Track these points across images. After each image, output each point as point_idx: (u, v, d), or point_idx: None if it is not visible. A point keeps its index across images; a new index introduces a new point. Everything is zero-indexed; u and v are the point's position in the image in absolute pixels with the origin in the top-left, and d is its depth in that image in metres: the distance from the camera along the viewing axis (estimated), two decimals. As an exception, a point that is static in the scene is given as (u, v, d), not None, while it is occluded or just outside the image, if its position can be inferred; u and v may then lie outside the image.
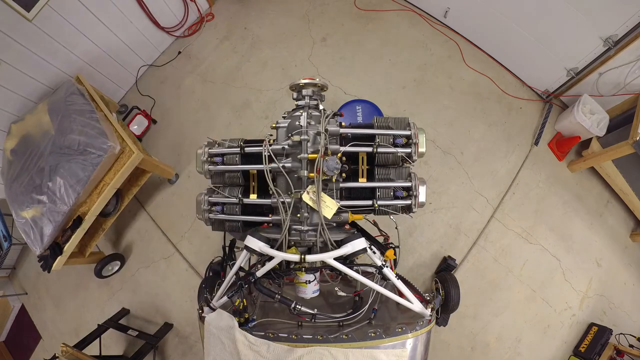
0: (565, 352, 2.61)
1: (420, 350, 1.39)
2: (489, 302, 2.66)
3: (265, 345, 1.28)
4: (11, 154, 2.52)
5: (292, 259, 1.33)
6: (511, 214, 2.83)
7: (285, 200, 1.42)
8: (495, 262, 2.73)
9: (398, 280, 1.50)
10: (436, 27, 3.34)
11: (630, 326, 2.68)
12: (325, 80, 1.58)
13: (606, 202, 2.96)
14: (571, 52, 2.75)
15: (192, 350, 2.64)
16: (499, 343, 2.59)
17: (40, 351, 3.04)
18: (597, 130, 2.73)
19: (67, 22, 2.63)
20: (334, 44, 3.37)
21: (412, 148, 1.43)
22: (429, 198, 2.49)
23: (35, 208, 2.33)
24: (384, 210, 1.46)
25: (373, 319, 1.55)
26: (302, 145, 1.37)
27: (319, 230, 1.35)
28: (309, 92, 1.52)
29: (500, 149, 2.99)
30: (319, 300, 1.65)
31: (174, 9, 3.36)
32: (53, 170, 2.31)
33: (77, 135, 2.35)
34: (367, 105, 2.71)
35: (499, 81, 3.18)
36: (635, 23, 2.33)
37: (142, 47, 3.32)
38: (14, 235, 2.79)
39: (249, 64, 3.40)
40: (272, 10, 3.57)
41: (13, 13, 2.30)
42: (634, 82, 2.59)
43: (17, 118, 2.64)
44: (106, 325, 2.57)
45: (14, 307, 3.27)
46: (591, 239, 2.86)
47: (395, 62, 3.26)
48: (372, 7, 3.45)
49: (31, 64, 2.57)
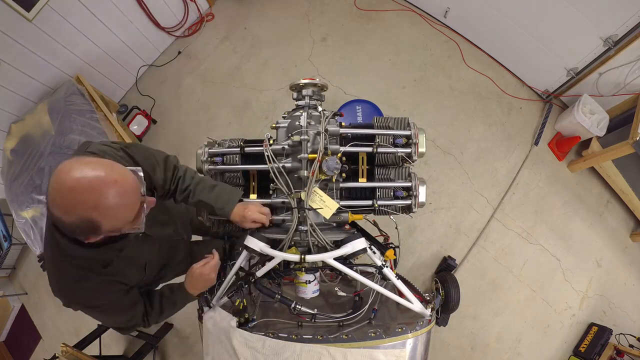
0: (565, 352, 2.61)
1: (420, 350, 1.39)
2: (489, 302, 2.66)
3: (261, 341, 1.28)
4: (11, 154, 2.52)
5: (292, 259, 1.33)
6: (511, 214, 2.83)
7: (284, 200, 1.42)
8: (495, 262, 2.73)
9: (398, 280, 1.49)
10: (436, 27, 3.34)
11: (630, 326, 2.68)
12: (325, 80, 1.58)
13: (606, 202, 2.96)
14: (571, 52, 2.75)
15: (192, 350, 2.64)
16: (499, 343, 2.59)
17: (40, 351, 3.04)
18: (597, 130, 2.73)
19: (67, 22, 2.63)
20: (334, 44, 3.37)
21: (412, 148, 1.43)
22: (429, 198, 2.49)
23: (35, 208, 2.33)
24: (384, 210, 1.46)
25: (373, 319, 1.55)
26: (302, 145, 1.37)
27: (309, 231, 1.35)
28: (309, 92, 1.52)
29: (500, 149, 2.99)
30: (319, 300, 1.65)
31: (174, 9, 3.36)
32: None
33: (77, 135, 2.36)
34: (367, 105, 2.71)
35: (499, 81, 3.18)
36: (635, 23, 2.33)
37: (142, 47, 3.32)
38: (14, 235, 2.79)
39: (249, 64, 3.40)
40: (272, 10, 3.57)
41: (13, 13, 2.30)
42: (634, 82, 2.59)
43: (17, 118, 2.64)
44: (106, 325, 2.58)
45: (14, 307, 3.27)
46: (591, 239, 2.86)
47: (395, 62, 3.26)
48: (372, 7, 3.45)
49: (31, 64, 2.57)
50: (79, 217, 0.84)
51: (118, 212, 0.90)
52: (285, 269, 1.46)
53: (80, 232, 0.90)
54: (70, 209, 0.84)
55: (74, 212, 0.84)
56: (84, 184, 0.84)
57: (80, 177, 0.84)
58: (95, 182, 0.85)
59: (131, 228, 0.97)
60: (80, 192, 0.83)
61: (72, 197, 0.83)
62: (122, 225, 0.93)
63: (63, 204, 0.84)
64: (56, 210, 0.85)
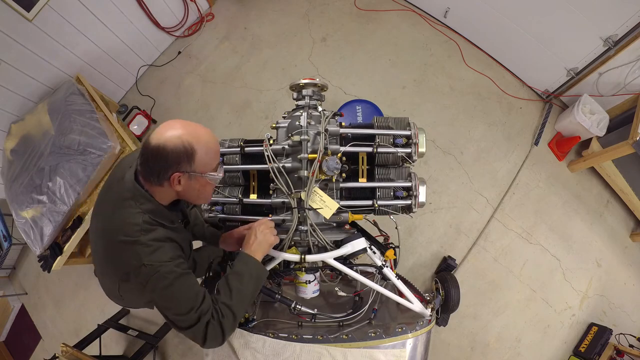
0: (565, 352, 2.61)
1: (420, 350, 1.39)
2: (489, 302, 2.66)
3: (261, 341, 1.29)
4: (11, 154, 2.52)
5: (293, 259, 1.33)
6: (511, 214, 2.83)
7: (284, 200, 1.42)
8: (495, 262, 2.73)
9: (398, 280, 1.50)
10: (436, 27, 3.34)
11: (630, 326, 2.68)
12: (326, 80, 1.58)
13: (606, 202, 2.96)
14: (571, 52, 2.75)
15: (192, 350, 2.64)
16: (498, 343, 2.59)
17: (40, 351, 3.04)
18: (597, 130, 2.73)
19: (67, 22, 2.63)
20: (334, 44, 3.37)
21: (412, 148, 1.43)
22: (429, 198, 2.49)
23: (35, 208, 2.33)
24: (384, 210, 1.46)
25: (373, 319, 1.56)
26: (302, 145, 1.37)
27: (309, 231, 1.35)
28: (309, 92, 1.52)
29: (500, 149, 2.99)
30: (319, 300, 1.65)
31: (174, 9, 3.36)
32: (53, 170, 2.32)
33: (77, 135, 2.36)
34: (367, 105, 2.71)
35: (499, 81, 3.18)
36: (635, 23, 2.33)
37: (142, 47, 3.32)
38: (14, 235, 2.79)
39: (249, 64, 3.40)
40: (272, 10, 3.57)
41: (13, 13, 2.30)
42: (634, 82, 2.59)
43: (17, 118, 2.64)
44: (106, 325, 2.57)
45: (14, 307, 3.27)
46: (591, 239, 2.86)
47: (395, 62, 3.26)
48: (372, 7, 3.45)
49: (31, 64, 2.57)
50: (183, 141, 1.04)
51: (210, 151, 1.10)
52: (285, 269, 1.46)
53: (176, 159, 1.05)
54: (177, 134, 1.04)
55: (180, 137, 1.04)
56: (189, 123, 1.10)
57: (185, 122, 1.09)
58: (197, 125, 1.11)
59: (211, 176, 1.13)
60: (187, 126, 1.07)
61: (180, 126, 1.07)
62: (208, 165, 1.11)
63: (171, 131, 1.05)
64: (162, 137, 1.04)
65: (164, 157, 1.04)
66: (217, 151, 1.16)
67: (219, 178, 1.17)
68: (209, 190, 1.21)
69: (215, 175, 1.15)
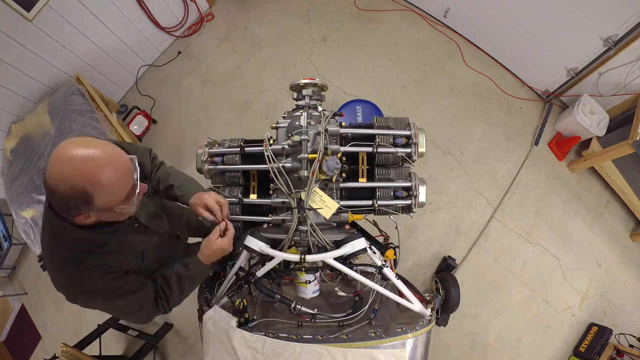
0: (565, 352, 2.61)
1: (420, 350, 1.39)
2: (489, 302, 2.66)
3: (261, 341, 1.28)
4: (11, 154, 2.52)
5: (293, 259, 1.33)
6: (511, 214, 2.83)
7: (284, 200, 1.42)
8: (495, 262, 2.73)
9: (398, 280, 1.49)
10: (436, 27, 3.34)
11: (630, 326, 2.68)
12: (325, 80, 1.58)
13: (606, 202, 2.96)
14: (571, 52, 2.75)
15: (192, 350, 2.64)
16: (498, 343, 2.59)
17: (40, 351, 3.04)
18: (597, 130, 2.73)
19: (67, 22, 2.63)
20: (334, 44, 3.37)
21: (412, 148, 1.43)
22: (429, 198, 2.49)
23: (35, 208, 2.34)
24: (384, 210, 1.46)
25: (373, 319, 1.55)
26: (302, 145, 1.37)
27: (309, 231, 1.35)
28: (309, 92, 1.52)
29: (500, 149, 2.99)
30: (319, 300, 1.65)
31: (174, 9, 3.36)
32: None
33: (77, 135, 2.36)
34: (367, 105, 2.71)
35: (499, 81, 3.18)
36: (635, 23, 2.34)
37: (142, 47, 3.32)
38: (14, 235, 2.79)
39: (249, 64, 3.40)
40: (272, 10, 3.57)
41: (13, 13, 2.30)
42: (634, 82, 2.59)
43: (17, 118, 2.64)
44: (106, 325, 2.58)
45: (14, 307, 3.27)
46: (591, 239, 2.86)
47: (395, 62, 3.26)
48: (372, 7, 3.45)
49: (31, 64, 2.57)
50: (73, 187, 0.88)
51: (111, 187, 0.94)
52: (285, 269, 1.46)
53: (73, 205, 0.92)
54: (65, 177, 0.88)
55: (68, 181, 0.88)
56: (82, 155, 0.89)
57: (78, 151, 0.90)
58: (92, 155, 0.90)
59: (122, 208, 1.00)
60: (77, 162, 0.88)
61: (68, 166, 0.88)
62: (113, 201, 0.97)
63: (59, 173, 0.88)
64: (52, 179, 0.89)
65: (60, 202, 0.93)
66: (123, 182, 0.97)
67: (132, 211, 1.05)
68: (128, 210, 1.05)
69: (128, 208, 1.02)
